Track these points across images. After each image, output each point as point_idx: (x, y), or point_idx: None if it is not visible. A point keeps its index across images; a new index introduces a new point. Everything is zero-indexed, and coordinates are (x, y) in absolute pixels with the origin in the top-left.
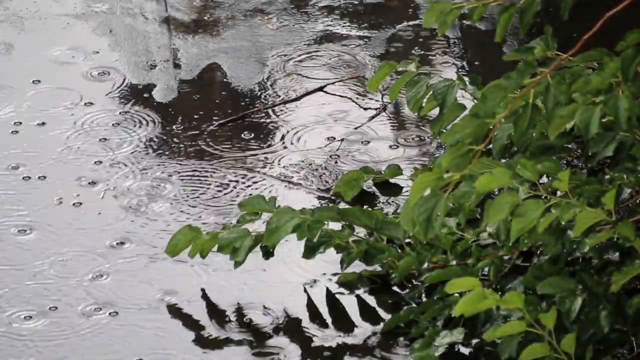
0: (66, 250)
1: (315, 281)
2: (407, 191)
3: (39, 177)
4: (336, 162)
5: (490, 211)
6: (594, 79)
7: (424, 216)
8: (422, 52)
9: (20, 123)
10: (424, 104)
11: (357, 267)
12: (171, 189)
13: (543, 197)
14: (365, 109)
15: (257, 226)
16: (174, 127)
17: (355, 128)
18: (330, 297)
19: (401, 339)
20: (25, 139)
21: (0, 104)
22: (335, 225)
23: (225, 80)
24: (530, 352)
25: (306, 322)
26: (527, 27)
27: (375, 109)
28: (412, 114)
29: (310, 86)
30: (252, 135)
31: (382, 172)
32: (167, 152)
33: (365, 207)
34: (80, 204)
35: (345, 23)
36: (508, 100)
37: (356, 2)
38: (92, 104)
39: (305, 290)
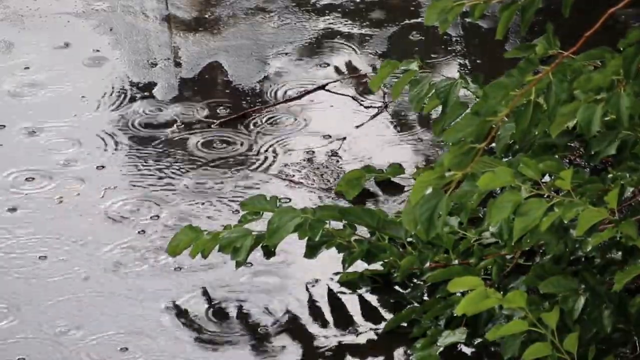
0: (70, 246)
1: (316, 280)
2: (408, 190)
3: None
4: (338, 161)
5: (492, 210)
6: (595, 76)
7: (425, 215)
8: (424, 50)
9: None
10: (426, 103)
11: (359, 266)
12: (172, 188)
13: (545, 196)
14: (367, 107)
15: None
16: (174, 125)
17: (357, 127)
18: (332, 297)
19: (403, 338)
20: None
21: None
22: (336, 225)
23: (226, 78)
24: (533, 352)
25: (308, 322)
26: (528, 25)
27: (377, 107)
28: (414, 112)
29: (312, 85)
30: (253, 133)
31: (384, 171)
32: (167, 151)
33: (367, 206)
34: (81, 203)
35: (346, 21)
36: (509, 98)
37: (358, 0)
38: (92, 101)
39: (306, 290)
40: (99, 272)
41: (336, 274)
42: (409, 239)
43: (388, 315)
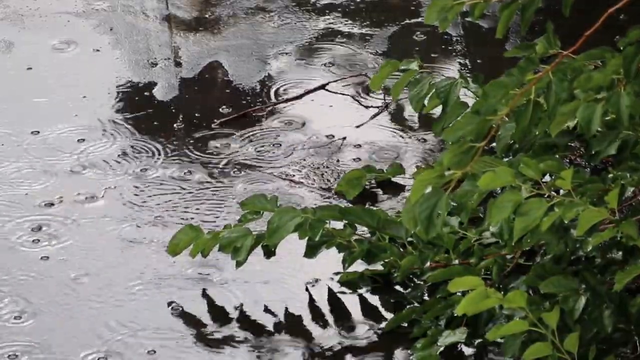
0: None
1: (317, 280)
2: (409, 190)
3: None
4: (338, 161)
5: (493, 210)
6: (595, 75)
7: (425, 214)
8: (424, 50)
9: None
10: (426, 103)
11: (359, 266)
12: (173, 187)
13: (546, 196)
14: (367, 107)
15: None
16: (174, 125)
17: (357, 126)
18: (332, 297)
19: (403, 338)
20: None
21: (3, 101)
22: (337, 224)
23: (226, 78)
24: (533, 352)
25: (308, 322)
26: (528, 24)
27: (377, 107)
28: (414, 112)
29: (312, 84)
30: (254, 133)
31: (384, 171)
32: (167, 151)
33: (367, 206)
34: (82, 202)
35: (347, 21)
36: (509, 97)
37: (358, 0)
38: (93, 101)
39: (307, 290)
40: (98, 271)
41: (336, 274)
42: (410, 239)
43: (388, 315)
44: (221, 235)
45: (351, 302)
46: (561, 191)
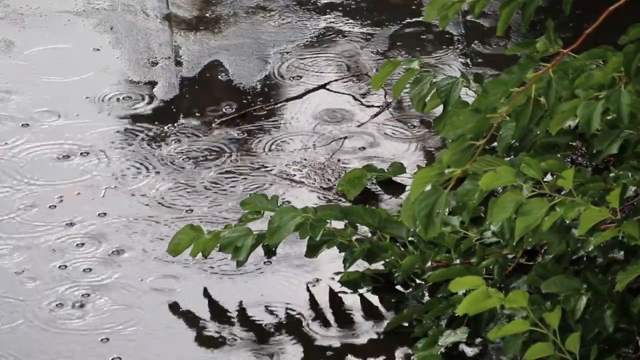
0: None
1: (318, 280)
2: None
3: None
4: (339, 160)
5: (494, 210)
6: (596, 74)
7: (424, 212)
8: (425, 49)
9: (28, 125)
10: (427, 102)
11: (360, 265)
12: (174, 188)
13: (547, 196)
14: (368, 106)
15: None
16: (175, 124)
17: (358, 126)
18: (333, 296)
19: (404, 338)
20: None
21: (3, 100)
22: (338, 224)
23: (227, 77)
24: (535, 352)
25: (309, 321)
26: (528, 22)
27: (378, 106)
28: (415, 111)
29: (313, 84)
30: (254, 132)
31: (385, 170)
32: (168, 150)
33: (368, 205)
34: (81, 202)
35: (348, 20)
36: (509, 95)
37: None
38: (94, 101)
39: (307, 289)
40: (97, 270)
41: (337, 273)
42: (411, 239)
43: (389, 315)
44: (222, 235)
45: (352, 302)
46: (563, 191)
